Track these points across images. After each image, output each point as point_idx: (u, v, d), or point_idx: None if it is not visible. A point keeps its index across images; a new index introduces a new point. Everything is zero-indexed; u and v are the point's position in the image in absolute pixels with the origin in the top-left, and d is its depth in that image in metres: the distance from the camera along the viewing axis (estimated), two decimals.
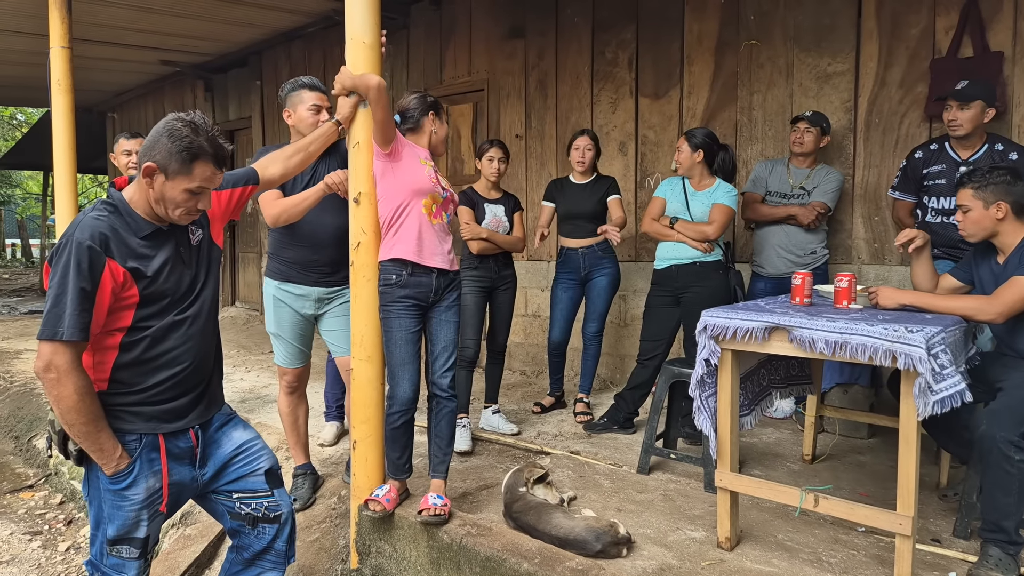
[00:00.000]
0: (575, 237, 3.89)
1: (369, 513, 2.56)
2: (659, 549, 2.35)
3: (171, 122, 1.79)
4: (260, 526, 2.06)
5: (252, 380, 5.09)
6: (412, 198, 2.51)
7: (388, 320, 2.53)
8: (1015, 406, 2.20)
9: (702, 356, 2.34)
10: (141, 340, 1.82)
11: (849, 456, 3.30)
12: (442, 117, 2.71)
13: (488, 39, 5.33)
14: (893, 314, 2.28)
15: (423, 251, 2.52)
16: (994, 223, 2.36)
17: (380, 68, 2.52)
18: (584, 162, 3.82)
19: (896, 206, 3.50)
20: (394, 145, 2.49)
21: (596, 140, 3.89)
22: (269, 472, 2.08)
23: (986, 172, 2.37)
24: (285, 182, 2.63)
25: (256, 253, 7.92)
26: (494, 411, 3.74)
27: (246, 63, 7.51)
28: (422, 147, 2.65)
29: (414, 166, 2.54)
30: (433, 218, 2.56)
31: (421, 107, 2.66)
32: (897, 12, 3.64)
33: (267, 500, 2.06)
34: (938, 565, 2.26)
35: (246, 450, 2.05)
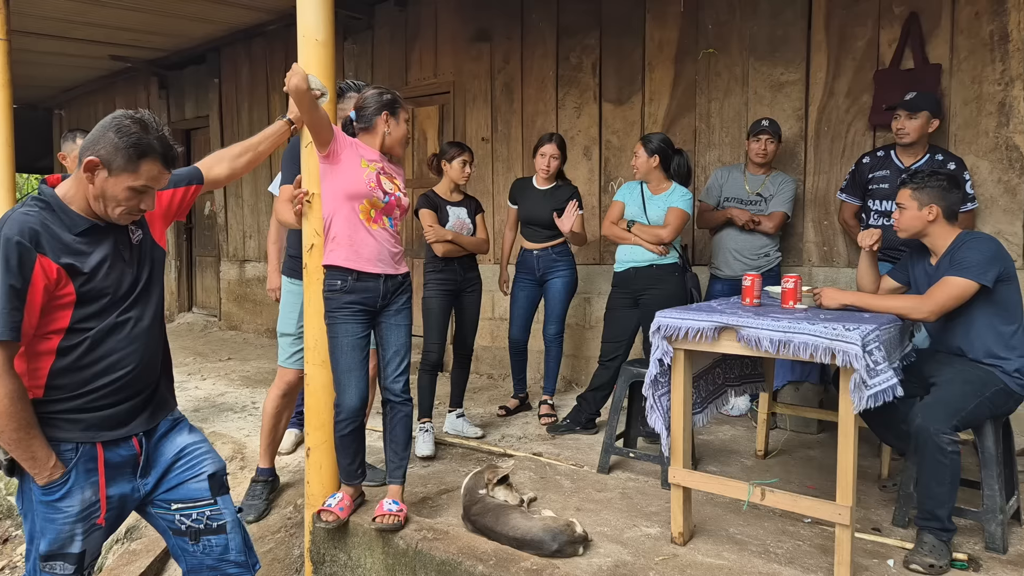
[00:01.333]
0: (532, 240, 3.98)
1: (323, 524, 2.56)
2: (615, 546, 2.42)
3: (119, 118, 1.73)
4: (204, 539, 1.92)
5: (208, 388, 5.03)
6: (346, 202, 2.47)
7: (334, 326, 2.49)
8: (947, 400, 2.33)
9: (656, 356, 2.43)
10: (80, 343, 1.73)
11: (800, 451, 3.43)
12: (398, 117, 2.60)
13: (454, 41, 5.39)
14: (834, 313, 2.39)
15: (360, 257, 2.48)
16: (924, 224, 2.50)
17: (334, 67, 2.53)
18: (548, 170, 3.89)
19: (842, 208, 3.67)
20: (332, 147, 2.45)
21: (563, 147, 3.93)
22: (214, 477, 1.94)
23: (926, 176, 2.51)
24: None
25: (214, 257, 7.83)
26: (458, 415, 3.78)
27: (204, 60, 7.40)
28: (373, 148, 2.59)
29: (352, 169, 2.48)
30: (372, 223, 2.51)
31: (375, 106, 2.58)
32: (844, 25, 3.79)
33: (209, 509, 1.92)
34: (878, 553, 2.38)
35: (189, 453, 1.94)
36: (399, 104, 2.61)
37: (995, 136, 3.44)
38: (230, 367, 5.71)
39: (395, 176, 2.64)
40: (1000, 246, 2.43)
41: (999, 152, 3.43)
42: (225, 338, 7.08)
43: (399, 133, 2.62)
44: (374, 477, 2.96)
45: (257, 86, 6.91)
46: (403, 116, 2.62)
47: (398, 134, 2.61)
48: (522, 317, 4.04)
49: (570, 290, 4.01)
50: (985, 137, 3.47)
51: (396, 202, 2.58)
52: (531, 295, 4.03)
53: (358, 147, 2.55)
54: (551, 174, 3.91)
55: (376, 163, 2.56)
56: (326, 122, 2.43)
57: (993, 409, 2.38)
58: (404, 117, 2.63)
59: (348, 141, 2.52)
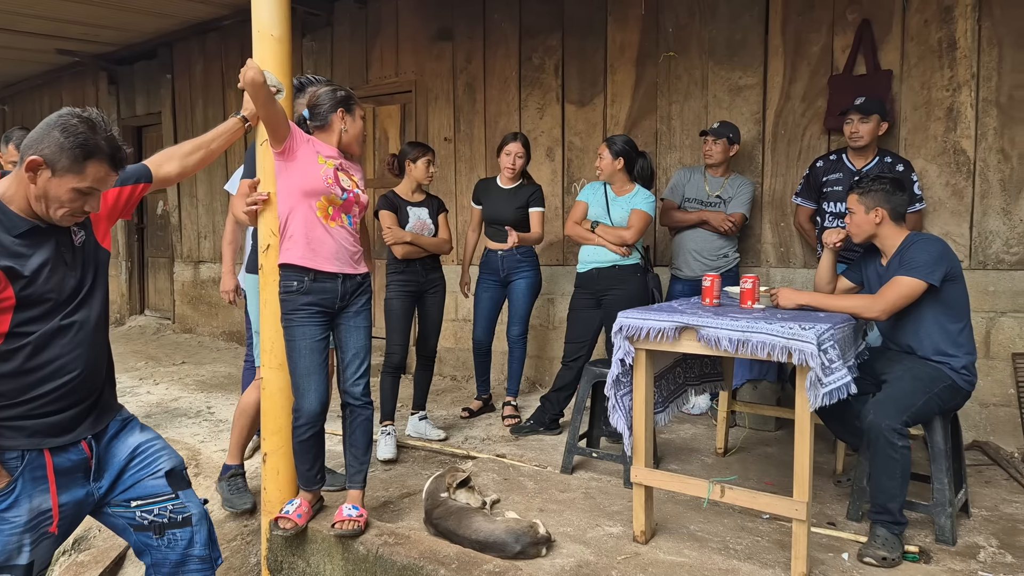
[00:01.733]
0: (497, 240, 3.96)
1: (280, 532, 2.50)
2: (578, 546, 2.43)
3: (65, 116, 1.67)
4: (169, 533, 1.89)
5: (160, 393, 4.89)
6: (303, 200, 2.41)
7: (291, 328, 2.43)
8: (898, 396, 2.39)
9: (617, 356, 2.44)
10: (22, 348, 1.68)
11: (758, 448, 3.49)
12: (354, 113, 2.55)
13: (416, 40, 5.34)
14: (790, 313, 2.44)
15: (317, 256, 2.43)
16: (873, 227, 2.57)
17: (290, 63, 2.48)
18: (514, 168, 3.87)
19: (798, 212, 3.75)
20: (287, 143, 2.39)
21: (528, 146, 3.92)
22: (171, 473, 1.91)
23: (871, 181, 2.58)
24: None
25: (167, 258, 7.62)
26: (421, 417, 3.75)
27: (155, 55, 7.20)
28: (330, 145, 2.54)
29: (309, 165, 2.43)
30: (330, 220, 2.46)
31: (330, 103, 2.52)
32: (800, 30, 3.88)
33: (171, 503, 1.89)
34: (832, 546, 2.44)
35: (143, 452, 1.91)
36: (354, 100, 2.57)
37: (943, 140, 3.56)
38: (184, 371, 5.56)
39: (353, 173, 2.58)
40: (947, 246, 2.51)
41: (947, 156, 3.55)
42: (179, 341, 6.89)
43: (355, 130, 2.56)
44: (334, 482, 2.91)
45: (211, 82, 6.75)
46: (359, 113, 2.58)
47: (354, 131, 2.56)
48: (486, 318, 4.03)
49: (534, 291, 4.01)
50: (934, 141, 3.58)
51: (355, 199, 2.52)
52: (495, 296, 4.02)
53: (314, 144, 2.49)
54: (516, 173, 3.90)
55: (334, 159, 2.51)
56: (282, 117, 2.38)
57: (941, 405, 2.46)
58: (360, 114, 2.58)
59: (304, 138, 2.47)
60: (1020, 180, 3.40)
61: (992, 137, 3.45)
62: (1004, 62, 3.40)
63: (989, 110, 3.44)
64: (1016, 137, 3.39)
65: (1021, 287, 3.42)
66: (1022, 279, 3.41)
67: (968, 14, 3.44)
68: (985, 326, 3.48)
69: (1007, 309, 3.45)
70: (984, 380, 3.38)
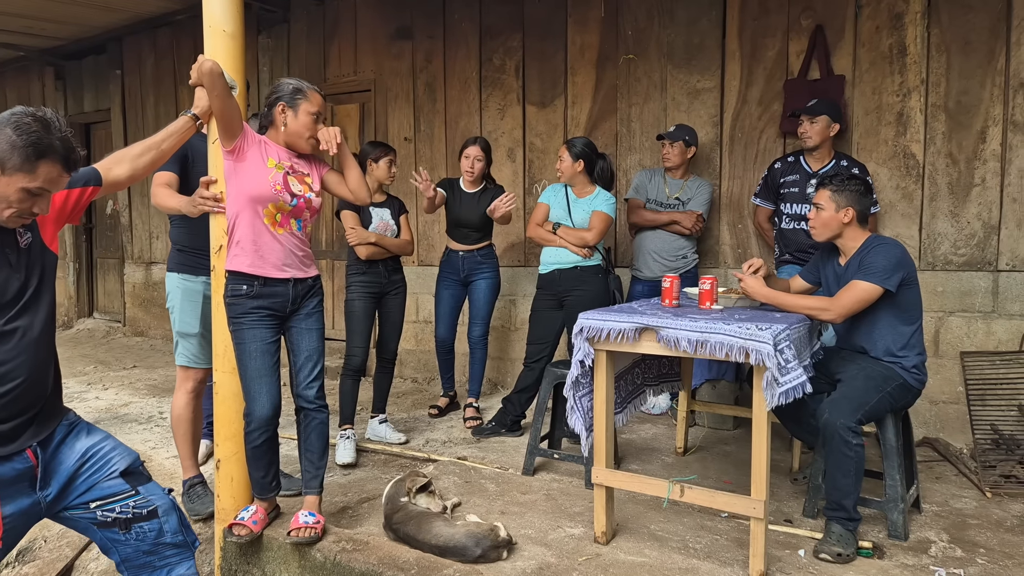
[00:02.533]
0: (460, 242, 3.98)
1: (234, 539, 2.42)
2: (539, 548, 2.41)
3: (19, 114, 1.62)
4: (136, 527, 1.85)
5: (110, 398, 4.73)
6: (249, 205, 2.33)
7: (240, 332, 2.36)
8: (852, 395, 2.44)
9: (577, 358, 2.43)
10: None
11: (717, 447, 3.53)
12: (297, 108, 2.39)
13: (375, 39, 5.27)
14: (748, 314, 2.46)
15: (265, 262, 2.36)
16: (840, 226, 2.60)
17: (243, 60, 2.40)
18: (473, 172, 3.87)
19: (757, 212, 3.82)
20: (238, 142, 2.30)
21: (488, 150, 3.93)
22: (127, 472, 1.86)
23: (845, 179, 2.61)
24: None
25: (117, 259, 7.38)
26: (381, 420, 3.69)
27: (104, 50, 6.98)
28: (280, 146, 2.44)
29: (256, 169, 2.34)
30: (278, 227, 2.37)
31: (274, 95, 2.40)
32: (756, 35, 3.94)
33: (133, 499, 1.84)
34: (789, 543, 2.47)
35: (94, 455, 1.84)
36: (301, 94, 2.41)
37: (894, 144, 3.65)
38: (135, 375, 5.38)
39: (308, 175, 2.48)
40: (904, 251, 2.55)
41: (898, 160, 3.65)
42: (130, 345, 6.68)
43: (296, 126, 2.40)
44: (290, 486, 2.83)
45: (163, 79, 6.56)
46: (306, 108, 2.40)
47: (295, 127, 2.40)
48: (448, 316, 4.04)
49: (494, 292, 4.03)
50: (885, 145, 3.67)
51: (305, 204, 2.43)
52: (456, 295, 4.03)
53: (265, 145, 2.40)
54: (476, 176, 3.90)
55: (285, 163, 2.41)
56: (237, 114, 2.31)
57: (893, 403, 2.51)
58: (308, 109, 2.40)
59: (256, 139, 2.39)
60: (967, 183, 3.51)
61: (940, 141, 3.55)
62: (952, 68, 3.50)
63: (938, 115, 3.55)
64: (963, 141, 3.50)
65: (968, 287, 3.52)
66: (969, 280, 3.52)
67: (918, 21, 3.54)
68: (934, 326, 3.58)
69: (955, 309, 3.56)
70: (933, 378, 3.47)
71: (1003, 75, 3.40)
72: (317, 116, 2.43)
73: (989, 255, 3.48)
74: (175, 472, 3.30)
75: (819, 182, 2.65)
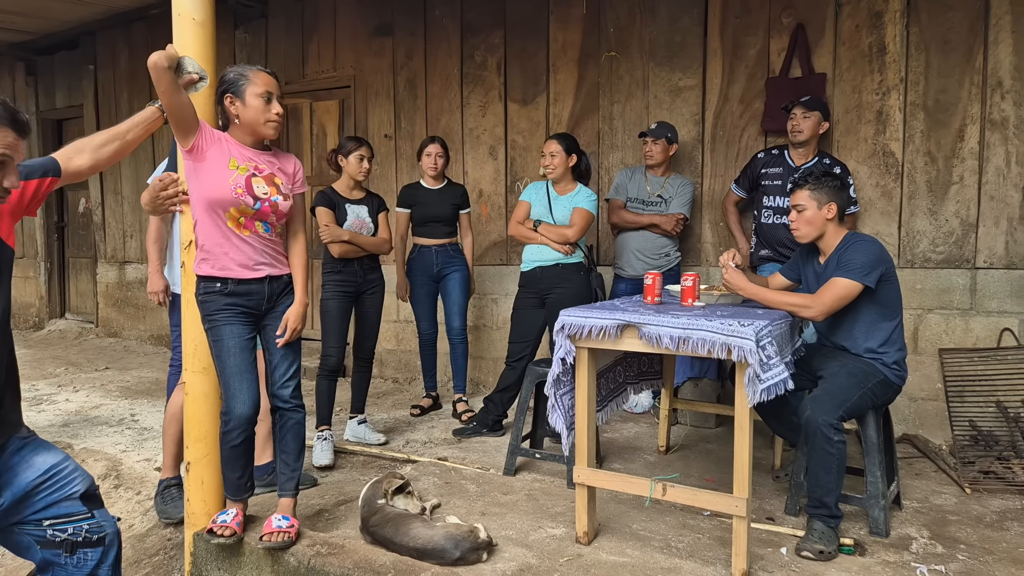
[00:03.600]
0: (431, 237, 4.02)
1: (221, 540, 2.34)
2: (520, 550, 2.37)
3: None
4: (81, 552, 1.81)
5: (80, 401, 4.59)
6: (209, 208, 2.22)
7: (216, 328, 2.27)
8: (833, 392, 2.43)
9: (558, 355, 2.40)
10: None
11: (699, 445, 3.51)
12: (243, 94, 2.22)
13: (354, 35, 5.21)
14: (729, 310, 2.45)
15: (235, 264, 2.26)
16: (824, 223, 2.58)
17: (214, 50, 2.33)
18: (437, 167, 3.97)
19: (728, 194, 3.87)
20: (196, 140, 2.19)
21: (446, 147, 4.05)
22: (86, 495, 1.84)
23: (820, 176, 2.61)
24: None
25: (90, 258, 7.24)
26: (360, 421, 3.64)
27: (77, 44, 6.84)
28: (242, 143, 2.29)
29: (217, 171, 2.21)
30: (243, 229, 2.27)
31: (218, 91, 2.26)
32: (737, 33, 3.93)
33: (87, 523, 1.81)
34: (771, 541, 2.45)
35: (55, 475, 1.80)
36: (245, 78, 2.23)
37: (873, 143, 3.66)
38: (107, 377, 5.27)
39: (276, 175, 2.33)
40: (883, 248, 2.56)
41: (877, 158, 3.66)
42: (103, 346, 6.55)
43: (250, 113, 2.24)
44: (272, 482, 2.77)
45: (138, 74, 6.44)
46: (252, 91, 2.23)
47: (249, 115, 2.24)
48: (429, 312, 4.09)
49: (468, 284, 4.11)
50: (865, 144, 3.68)
51: (271, 208, 2.29)
52: (431, 291, 4.08)
53: (228, 144, 2.27)
54: (439, 172, 4.00)
55: (250, 162, 2.28)
56: (188, 110, 2.17)
57: (874, 399, 2.51)
58: (255, 91, 2.23)
59: (216, 136, 2.25)
60: (946, 181, 3.53)
61: (919, 140, 3.57)
62: (931, 67, 3.52)
63: (917, 113, 3.56)
64: (942, 140, 3.52)
65: (947, 285, 3.54)
66: (948, 277, 3.54)
67: (897, 20, 3.56)
68: (913, 323, 3.59)
69: (934, 306, 3.58)
70: (913, 375, 3.47)
71: (981, 74, 3.42)
72: (268, 96, 2.25)
73: (967, 252, 3.50)
74: (146, 476, 3.24)
75: (794, 183, 2.64)
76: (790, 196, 2.65)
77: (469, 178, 4.79)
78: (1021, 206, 3.38)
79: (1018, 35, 3.33)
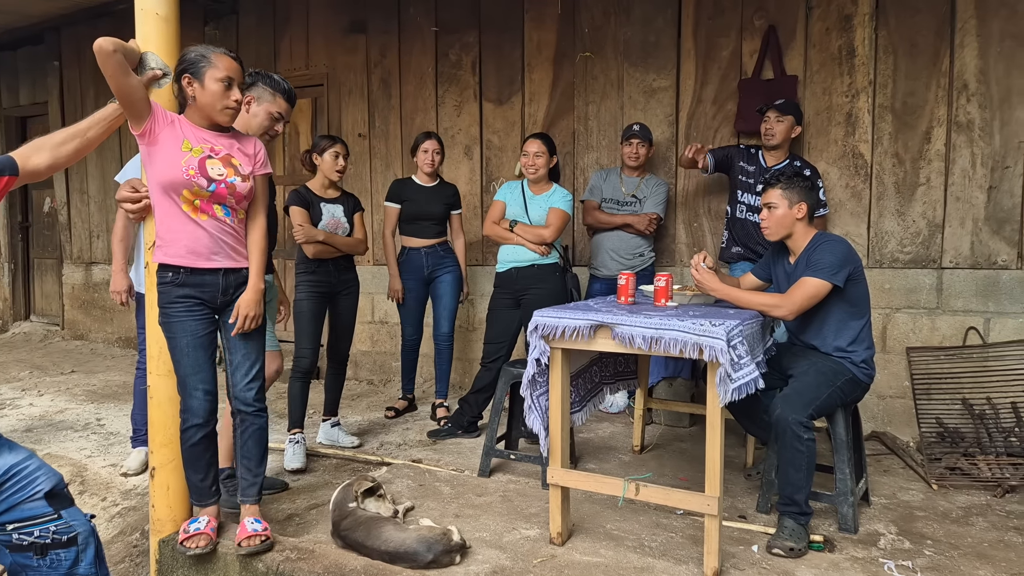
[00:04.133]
0: (420, 237, 3.93)
1: (197, 551, 2.28)
2: (493, 551, 2.36)
3: None
4: (52, 554, 1.75)
5: (45, 405, 4.47)
6: (163, 192, 2.17)
7: (170, 324, 2.21)
8: (803, 391, 2.45)
9: (533, 356, 2.39)
10: None
11: (673, 444, 3.53)
12: (203, 77, 2.16)
13: (327, 32, 5.15)
14: (701, 310, 2.46)
15: (189, 252, 2.20)
16: (794, 222, 2.62)
17: (178, 46, 2.27)
18: (433, 165, 3.89)
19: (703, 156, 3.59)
20: (147, 124, 2.14)
21: (442, 143, 3.96)
22: (51, 494, 1.77)
23: (791, 176, 2.64)
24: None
25: (55, 259, 7.08)
26: (333, 423, 3.60)
27: (41, 40, 6.70)
28: (197, 125, 2.24)
29: (168, 153, 2.16)
30: (199, 213, 2.20)
31: (178, 68, 2.20)
32: (710, 34, 3.96)
33: (54, 524, 1.76)
34: (743, 539, 2.47)
35: (17, 474, 1.74)
36: (206, 60, 2.17)
37: (843, 144, 3.71)
38: (73, 381, 5.15)
39: (235, 156, 2.26)
40: (850, 247, 2.59)
41: (847, 160, 3.71)
42: (69, 349, 6.40)
43: (206, 97, 2.18)
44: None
45: None
46: (212, 75, 2.16)
47: (205, 98, 2.18)
48: (416, 316, 4.00)
49: (460, 286, 4.03)
50: (835, 145, 3.73)
51: (228, 189, 2.21)
52: (420, 294, 3.99)
53: (182, 126, 2.21)
54: (435, 169, 3.92)
55: (205, 144, 2.22)
56: (140, 93, 2.12)
57: (843, 398, 2.54)
58: (215, 76, 2.16)
59: (168, 119, 2.19)
60: (913, 183, 3.59)
61: (887, 142, 3.62)
62: (899, 70, 3.58)
63: (885, 116, 3.62)
64: (909, 142, 3.58)
65: (914, 284, 3.61)
66: (915, 277, 3.60)
67: (866, 23, 3.61)
68: (882, 322, 3.65)
69: (902, 305, 3.64)
70: (881, 373, 3.54)
71: (947, 77, 3.49)
72: (228, 82, 2.19)
73: (934, 253, 3.57)
74: (111, 482, 3.17)
75: (766, 182, 2.66)
76: (762, 195, 2.68)
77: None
78: (986, 207, 3.46)
79: (983, 39, 3.40)
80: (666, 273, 2.61)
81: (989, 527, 2.59)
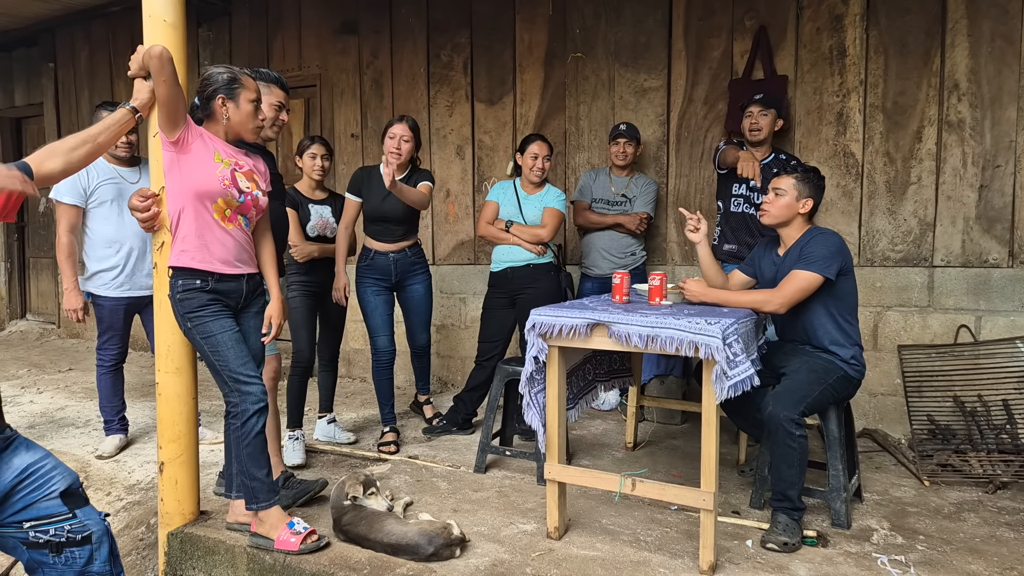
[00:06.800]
0: (384, 241, 3.49)
1: (312, 545, 2.28)
2: (492, 545, 2.38)
3: None
4: (67, 551, 1.78)
5: (45, 402, 4.50)
6: (195, 200, 2.23)
7: (205, 325, 2.24)
8: (795, 388, 2.48)
9: (531, 354, 2.41)
10: None
11: (665, 441, 3.56)
12: (238, 98, 2.30)
13: (319, 32, 5.16)
14: (696, 308, 2.48)
15: (216, 258, 2.26)
16: (795, 214, 2.64)
17: (186, 51, 2.32)
18: (400, 153, 3.34)
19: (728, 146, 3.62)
20: (182, 133, 2.21)
21: (416, 129, 3.43)
22: (66, 493, 1.79)
23: (809, 170, 2.65)
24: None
25: (51, 259, 7.04)
26: (329, 420, 3.61)
27: (36, 41, 6.67)
28: (222, 140, 2.34)
29: (204, 163, 2.24)
30: (228, 222, 2.29)
31: (210, 88, 2.29)
32: (701, 35, 3.99)
33: (69, 523, 1.78)
34: (737, 534, 2.49)
35: (33, 473, 1.76)
36: (238, 83, 2.31)
37: (834, 144, 3.75)
38: (71, 378, 5.14)
39: (254, 173, 2.39)
40: (842, 241, 2.61)
41: (838, 159, 3.74)
42: (65, 347, 6.38)
43: (239, 117, 2.32)
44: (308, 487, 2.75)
45: (98, 72, 6.28)
46: (246, 96, 2.33)
47: (238, 118, 2.32)
48: (387, 325, 3.52)
49: (431, 293, 3.69)
50: (826, 144, 3.77)
51: (252, 202, 2.35)
52: (388, 300, 3.55)
53: (207, 139, 2.30)
54: (404, 159, 3.40)
55: (231, 158, 2.32)
56: (183, 103, 2.22)
57: (835, 395, 2.56)
58: (248, 97, 2.33)
59: (198, 131, 2.28)
60: (904, 182, 3.63)
61: (878, 141, 3.66)
62: (889, 69, 3.61)
63: (876, 115, 3.66)
64: (900, 141, 3.62)
65: (905, 283, 3.64)
66: (906, 275, 3.64)
67: (857, 23, 3.65)
68: (873, 320, 3.69)
69: (893, 304, 3.67)
70: (872, 371, 3.58)
71: (938, 76, 3.52)
72: (257, 103, 2.36)
73: (925, 251, 3.60)
74: (115, 477, 3.19)
75: (785, 168, 2.67)
76: (775, 178, 2.69)
77: (436, 178, 4.77)
78: (977, 206, 3.50)
79: (974, 38, 3.44)
80: (660, 272, 2.63)
81: (981, 523, 2.62)
